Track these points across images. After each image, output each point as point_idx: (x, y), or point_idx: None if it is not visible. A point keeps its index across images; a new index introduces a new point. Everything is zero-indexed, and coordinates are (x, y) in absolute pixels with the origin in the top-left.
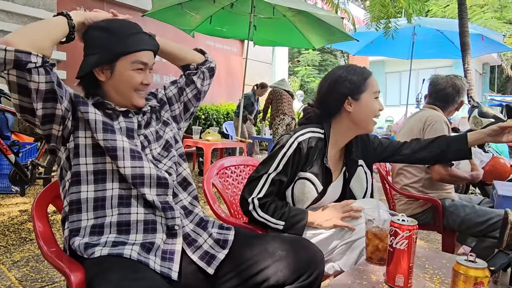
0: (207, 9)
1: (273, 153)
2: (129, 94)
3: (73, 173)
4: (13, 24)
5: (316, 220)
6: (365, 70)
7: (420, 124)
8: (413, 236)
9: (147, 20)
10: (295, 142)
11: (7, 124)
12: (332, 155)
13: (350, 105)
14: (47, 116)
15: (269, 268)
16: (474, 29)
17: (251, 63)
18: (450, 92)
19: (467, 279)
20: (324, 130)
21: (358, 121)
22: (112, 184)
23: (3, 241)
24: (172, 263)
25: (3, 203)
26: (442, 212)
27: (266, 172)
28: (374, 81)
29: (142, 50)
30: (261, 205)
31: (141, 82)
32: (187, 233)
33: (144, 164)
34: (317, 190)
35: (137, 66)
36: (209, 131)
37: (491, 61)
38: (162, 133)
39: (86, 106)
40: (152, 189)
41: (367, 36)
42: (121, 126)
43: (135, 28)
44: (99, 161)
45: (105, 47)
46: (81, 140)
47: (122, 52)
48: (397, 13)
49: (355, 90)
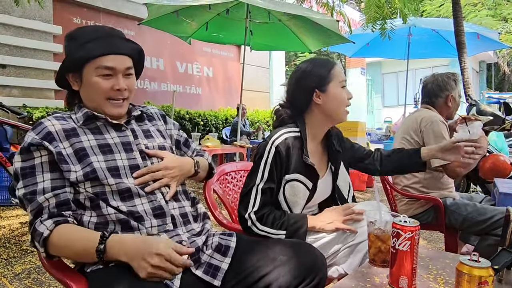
0: (203, 16)
1: (255, 164)
2: (101, 103)
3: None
4: (10, 36)
5: (317, 224)
6: (329, 61)
7: (416, 125)
8: (415, 237)
9: (143, 29)
10: (273, 147)
11: (6, 136)
12: (314, 150)
13: (319, 98)
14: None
15: (271, 273)
16: (470, 27)
17: (248, 68)
18: (431, 88)
19: (471, 278)
20: (299, 128)
21: (329, 112)
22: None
23: (4, 253)
24: (174, 278)
25: (3, 215)
26: (444, 211)
27: (254, 184)
28: (339, 71)
29: (106, 55)
30: (258, 219)
31: (111, 88)
32: (194, 251)
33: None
34: (307, 187)
35: (102, 72)
36: (208, 137)
37: (487, 59)
38: (158, 141)
39: (77, 136)
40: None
41: (363, 37)
42: (115, 142)
43: (103, 32)
44: (97, 184)
45: (69, 54)
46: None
47: (83, 58)
48: (392, 13)
49: (321, 82)
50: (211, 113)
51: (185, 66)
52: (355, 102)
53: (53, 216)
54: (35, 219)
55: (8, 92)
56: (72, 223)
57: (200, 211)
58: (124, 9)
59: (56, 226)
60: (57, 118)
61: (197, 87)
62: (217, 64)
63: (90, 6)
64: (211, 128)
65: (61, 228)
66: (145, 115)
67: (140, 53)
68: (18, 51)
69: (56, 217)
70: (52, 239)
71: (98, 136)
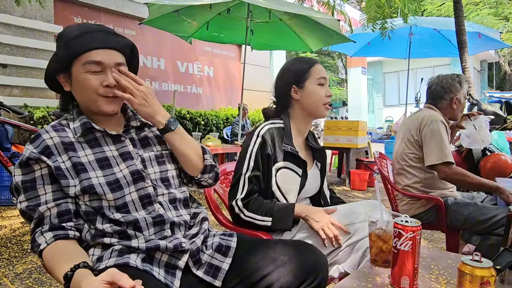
0: (204, 15)
1: (242, 155)
2: (93, 99)
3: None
4: (11, 36)
5: (304, 212)
6: (310, 60)
7: (416, 123)
8: (417, 237)
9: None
10: (258, 137)
11: (7, 136)
12: (299, 145)
13: (296, 93)
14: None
15: (272, 274)
16: (471, 27)
17: (249, 68)
18: (435, 89)
19: (473, 279)
20: (283, 121)
21: (307, 108)
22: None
23: (5, 253)
24: (174, 278)
25: (4, 215)
26: (445, 211)
27: (241, 174)
28: (318, 69)
29: (92, 50)
30: (245, 205)
31: (101, 84)
32: (194, 252)
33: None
34: (298, 173)
35: (90, 68)
36: (209, 137)
37: (488, 58)
38: (158, 149)
39: (75, 151)
40: (150, 229)
41: (364, 37)
42: (113, 155)
43: (88, 28)
44: (95, 198)
45: (57, 53)
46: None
47: (69, 55)
48: (392, 13)
49: (298, 79)
50: (212, 112)
51: (186, 65)
52: (356, 102)
53: (54, 228)
54: (36, 228)
55: (9, 92)
56: (73, 236)
57: (199, 218)
58: (125, 8)
59: (55, 241)
60: (55, 129)
61: (198, 87)
62: (218, 63)
63: (91, 5)
64: (212, 128)
65: (55, 245)
66: (145, 125)
67: (132, 48)
68: (19, 51)
69: (57, 230)
70: (45, 253)
71: (97, 150)
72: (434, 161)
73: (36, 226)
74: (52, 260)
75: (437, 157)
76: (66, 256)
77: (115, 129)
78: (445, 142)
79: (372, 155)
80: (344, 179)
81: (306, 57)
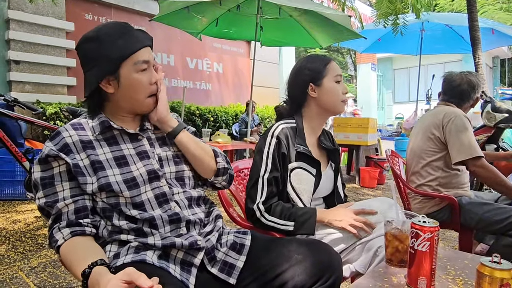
0: (214, 12)
1: (257, 157)
2: (142, 100)
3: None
4: (24, 33)
5: (326, 217)
6: (325, 58)
7: (437, 120)
8: (435, 238)
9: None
10: (273, 138)
11: (21, 131)
12: (313, 144)
13: (314, 91)
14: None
15: (286, 272)
16: (484, 23)
17: (258, 64)
18: (466, 89)
19: (493, 280)
20: (295, 121)
21: (324, 105)
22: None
23: (20, 247)
24: (190, 276)
25: (19, 209)
26: (459, 210)
27: (258, 176)
28: (334, 66)
29: (140, 49)
30: (267, 209)
31: (149, 82)
32: (209, 249)
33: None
34: (312, 173)
35: (140, 67)
36: (218, 133)
37: (501, 54)
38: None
39: (93, 149)
40: (166, 226)
41: (374, 33)
42: (131, 153)
43: (125, 27)
44: (112, 195)
45: (101, 56)
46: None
47: (120, 57)
48: (404, 8)
49: (315, 76)
50: (221, 109)
51: (195, 62)
52: (366, 98)
53: (71, 224)
54: (54, 224)
55: (22, 88)
56: (90, 232)
57: (213, 215)
58: (136, 5)
59: (72, 237)
60: (74, 127)
61: (207, 83)
62: (227, 60)
63: (102, 2)
64: (221, 124)
65: (72, 241)
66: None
67: (152, 42)
68: (32, 48)
69: (74, 227)
70: (62, 249)
71: (114, 148)
72: (464, 157)
73: (54, 222)
74: (69, 256)
75: (467, 153)
76: (83, 253)
77: (132, 128)
78: (473, 137)
79: (382, 153)
80: (353, 177)
81: (320, 55)
